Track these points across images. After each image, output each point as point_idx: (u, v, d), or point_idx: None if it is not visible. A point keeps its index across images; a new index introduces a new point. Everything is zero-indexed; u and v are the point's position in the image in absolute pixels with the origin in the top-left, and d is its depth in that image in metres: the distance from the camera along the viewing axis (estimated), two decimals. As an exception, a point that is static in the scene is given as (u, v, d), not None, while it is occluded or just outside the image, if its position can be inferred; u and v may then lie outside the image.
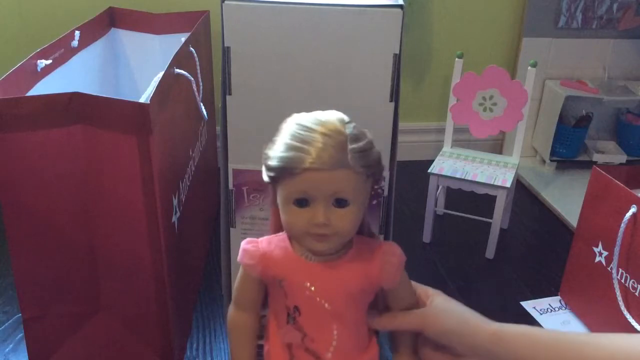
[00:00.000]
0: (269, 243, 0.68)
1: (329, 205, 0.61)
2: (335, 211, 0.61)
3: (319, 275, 0.65)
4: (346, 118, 0.63)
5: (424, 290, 0.74)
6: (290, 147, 0.60)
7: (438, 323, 0.69)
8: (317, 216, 0.61)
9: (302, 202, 0.61)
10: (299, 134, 0.60)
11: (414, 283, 0.74)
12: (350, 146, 0.60)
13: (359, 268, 0.66)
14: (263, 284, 0.69)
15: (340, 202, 0.61)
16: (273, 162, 0.61)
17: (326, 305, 0.66)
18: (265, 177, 0.64)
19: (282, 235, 0.69)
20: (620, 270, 1.05)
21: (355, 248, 0.67)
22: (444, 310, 0.70)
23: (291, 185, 0.61)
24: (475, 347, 0.68)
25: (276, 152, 0.61)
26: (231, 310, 0.72)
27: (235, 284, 0.71)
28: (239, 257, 0.68)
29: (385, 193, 0.87)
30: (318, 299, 0.65)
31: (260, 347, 0.74)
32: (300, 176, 0.59)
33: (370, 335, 0.71)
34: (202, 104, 1.20)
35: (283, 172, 0.61)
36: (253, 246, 0.68)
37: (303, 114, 0.63)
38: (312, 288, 0.65)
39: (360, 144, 0.61)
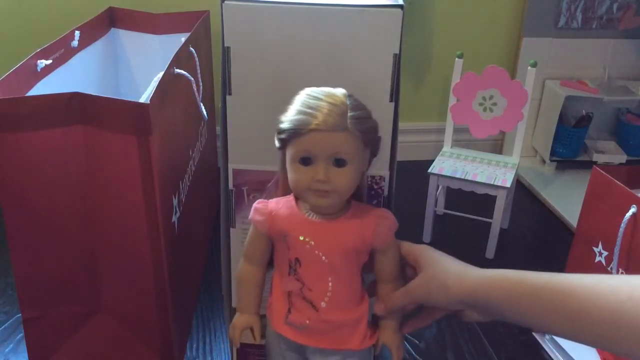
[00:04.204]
0: (277, 203, 0.76)
1: (329, 165, 0.69)
2: (335, 170, 0.69)
3: (319, 231, 0.73)
4: (348, 93, 0.71)
5: (412, 253, 0.77)
6: (299, 112, 0.68)
7: (438, 300, 0.72)
8: (318, 173, 0.68)
9: (306, 161, 0.69)
10: (308, 102, 0.69)
11: (402, 242, 0.78)
12: (350, 113, 0.68)
13: (355, 227, 0.73)
14: (270, 240, 0.77)
15: (339, 162, 0.69)
16: (284, 125, 0.69)
17: (323, 258, 0.73)
18: (277, 143, 0.72)
19: (290, 197, 0.76)
20: (620, 270, 1.05)
21: (352, 210, 0.75)
22: (438, 286, 0.71)
23: (298, 145, 0.69)
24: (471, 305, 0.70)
25: (288, 117, 0.69)
26: (241, 263, 0.80)
27: (246, 240, 0.79)
28: (250, 215, 0.76)
29: (385, 193, 0.87)
30: (316, 252, 0.73)
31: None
32: (306, 136, 0.68)
33: (363, 293, 0.78)
34: (202, 104, 1.20)
35: (292, 133, 0.68)
36: (263, 205, 0.76)
37: (313, 87, 0.71)
38: (312, 242, 0.73)
39: (358, 112, 0.69)
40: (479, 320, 0.72)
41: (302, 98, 0.70)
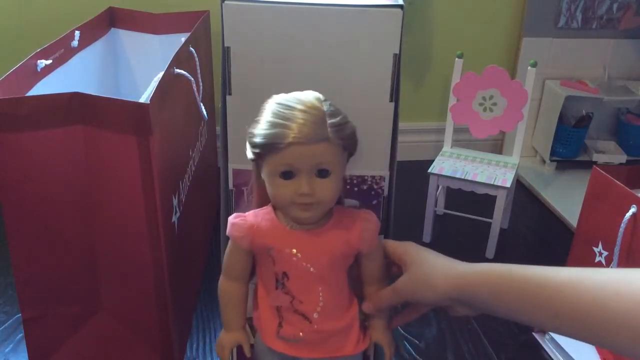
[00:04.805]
0: (256, 216, 0.73)
1: (312, 176, 0.67)
2: (318, 181, 0.67)
3: (304, 242, 0.71)
4: (322, 97, 0.68)
5: (395, 251, 0.76)
6: (273, 125, 0.65)
7: (425, 298, 0.72)
8: (301, 186, 0.66)
9: (287, 175, 0.66)
10: (281, 112, 0.65)
11: (385, 241, 0.78)
12: (329, 121, 0.65)
13: (340, 234, 0.72)
14: (251, 254, 0.74)
15: (323, 173, 0.67)
16: (258, 140, 0.66)
17: (311, 269, 0.71)
18: (250, 155, 0.69)
19: (267, 208, 0.74)
20: (620, 270, 1.05)
21: (335, 216, 0.73)
22: (425, 283, 0.71)
23: (276, 159, 0.66)
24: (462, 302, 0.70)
25: (260, 130, 0.66)
26: (221, 280, 0.77)
27: (225, 255, 0.76)
28: (227, 231, 0.73)
29: (385, 193, 0.87)
30: (304, 263, 0.71)
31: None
32: (285, 150, 0.64)
33: (351, 296, 0.77)
34: (202, 104, 1.20)
35: (268, 148, 0.65)
36: (241, 220, 0.73)
37: (282, 94, 0.68)
38: (299, 254, 0.71)
39: (337, 119, 0.66)
40: (467, 314, 0.72)
41: (273, 108, 0.66)
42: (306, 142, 0.64)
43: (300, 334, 0.73)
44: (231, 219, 0.73)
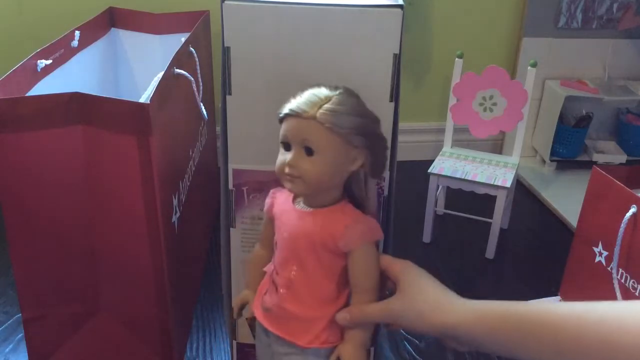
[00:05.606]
0: (283, 191, 0.78)
1: (301, 152, 0.70)
2: (304, 158, 0.70)
3: (294, 219, 0.75)
4: (343, 91, 0.71)
5: (391, 268, 0.74)
6: (289, 102, 0.71)
7: (414, 327, 0.70)
8: (287, 157, 0.70)
9: (285, 146, 0.71)
10: (302, 92, 0.71)
11: (382, 256, 0.75)
12: (325, 105, 0.69)
13: (327, 222, 0.73)
14: (273, 224, 0.79)
15: (308, 150, 0.70)
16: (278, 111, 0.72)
17: (291, 246, 0.74)
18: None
19: None
20: (620, 270, 1.05)
21: (336, 207, 0.74)
22: (418, 314, 0.69)
23: (281, 129, 0.72)
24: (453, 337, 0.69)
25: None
26: (256, 245, 0.85)
27: None
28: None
29: (385, 193, 0.87)
30: (287, 239, 0.74)
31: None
32: (285, 121, 0.71)
33: (337, 296, 0.75)
34: (202, 104, 1.20)
35: (279, 118, 0.72)
36: (273, 191, 0.80)
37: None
38: (286, 228, 0.75)
39: (336, 106, 0.69)
40: (457, 349, 0.70)
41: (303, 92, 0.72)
42: (297, 116, 0.69)
43: (270, 304, 0.76)
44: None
